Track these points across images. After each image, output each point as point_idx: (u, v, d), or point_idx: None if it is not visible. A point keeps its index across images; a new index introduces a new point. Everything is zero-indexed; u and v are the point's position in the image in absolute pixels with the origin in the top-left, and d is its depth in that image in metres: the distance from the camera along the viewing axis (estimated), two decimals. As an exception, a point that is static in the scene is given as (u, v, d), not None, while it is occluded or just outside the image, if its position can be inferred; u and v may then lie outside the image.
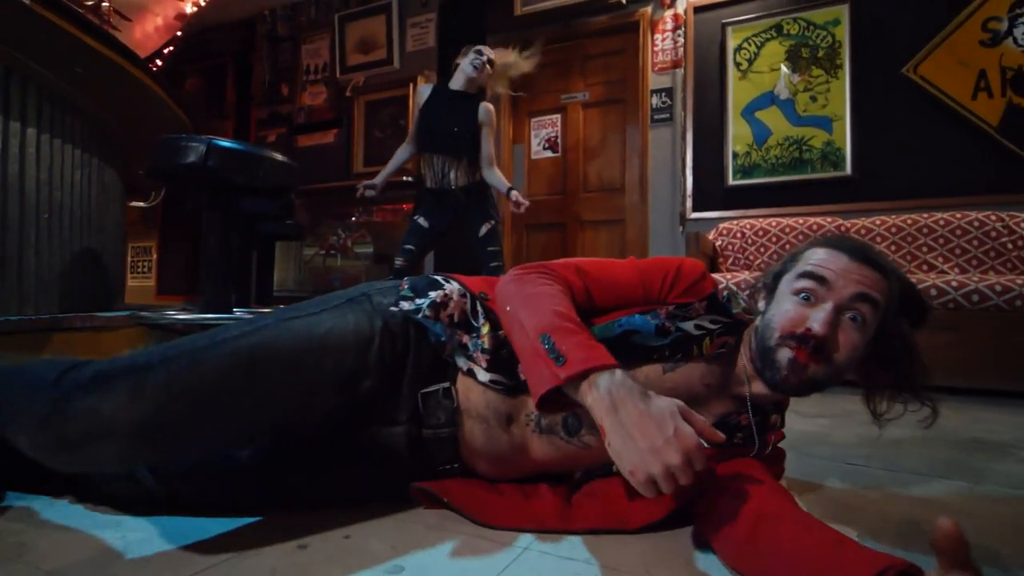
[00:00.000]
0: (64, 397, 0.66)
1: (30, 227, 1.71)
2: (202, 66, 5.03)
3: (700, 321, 0.83)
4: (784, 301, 0.79)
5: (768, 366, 0.78)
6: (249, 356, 0.71)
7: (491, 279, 0.91)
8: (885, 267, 0.78)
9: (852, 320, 0.75)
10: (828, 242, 0.81)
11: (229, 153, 1.52)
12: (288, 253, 4.58)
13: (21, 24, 1.52)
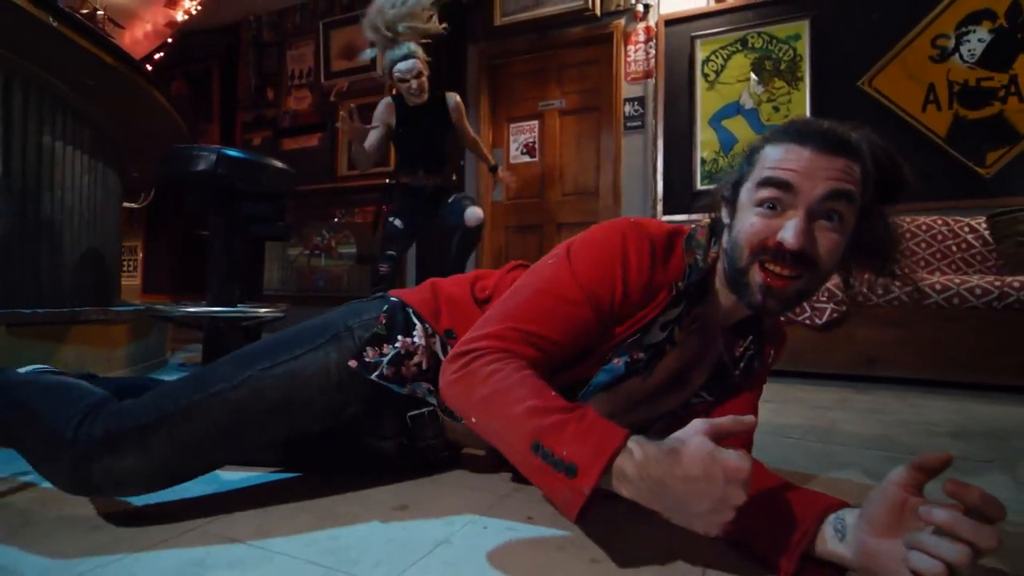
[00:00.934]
0: (84, 457, 0.72)
1: (44, 228, 1.80)
2: (188, 69, 5.09)
3: (665, 318, 0.75)
4: (748, 214, 0.69)
5: (741, 290, 0.71)
6: (239, 408, 0.77)
7: (461, 284, 0.90)
8: (857, 147, 0.68)
9: (828, 221, 0.66)
10: (787, 134, 0.69)
11: (236, 162, 1.64)
12: (273, 253, 4.65)
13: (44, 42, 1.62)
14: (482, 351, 0.68)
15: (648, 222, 0.77)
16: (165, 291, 5.18)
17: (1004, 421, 1.56)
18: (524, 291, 0.75)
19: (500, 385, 0.64)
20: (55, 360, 1.64)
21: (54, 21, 1.52)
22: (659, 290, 0.74)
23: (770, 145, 0.70)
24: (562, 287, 0.72)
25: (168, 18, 3.63)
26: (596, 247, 0.74)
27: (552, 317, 0.71)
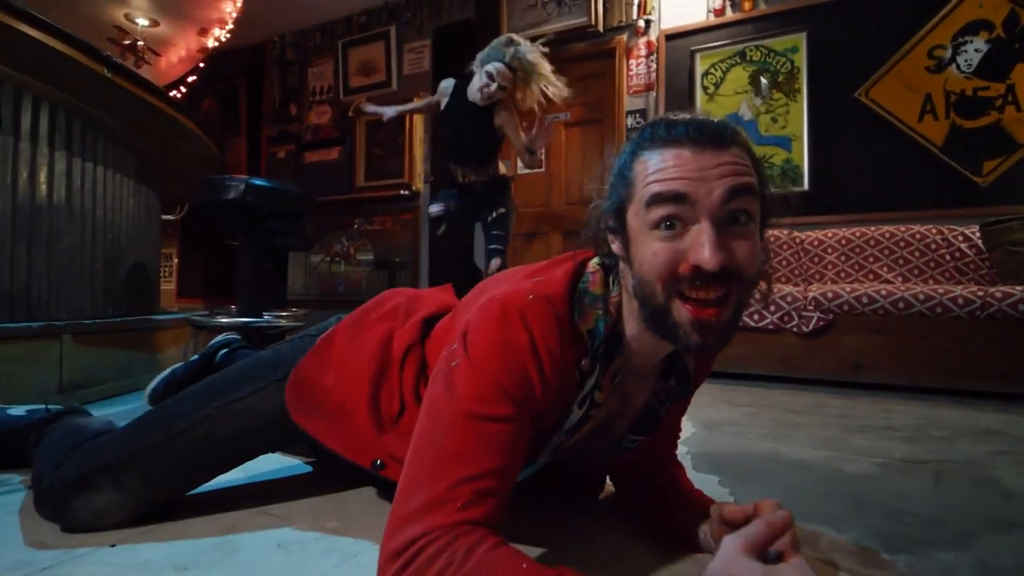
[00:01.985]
0: (62, 499, 0.80)
1: (99, 247, 2.05)
2: (217, 87, 5.38)
3: (580, 395, 0.70)
4: (646, 241, 0.60)
5: (670, 334, 0.61)
6: (200, 443, 0.83)
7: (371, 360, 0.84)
8: (735, 133, 0.61)
9: (736, 224, 0.58)
10: (658, 138, 0.61)
11: (261, 190, 1.87)
12: (297, 261, 4.91)
13: (100, 88, 1.86)
14: (414, 544, 0.53)
15: (550, 289, 0.66)
16: (198, 295, 5.49)
17: (964, 426, 1.66)
18: (443, 424, 0.60)
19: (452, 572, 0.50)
20: (109, 364, 1.87)
21: (108, 72, 1.74)
22: (572, 370, 0.66)
23: (643, 155, 0.61)
24: (483, 402, 0.60)
25: (200, 44, 3.90)
26: (499, 344, 0.62)
27: (487, 443, 0.59)
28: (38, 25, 1.58)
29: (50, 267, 1.84)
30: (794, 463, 1.24)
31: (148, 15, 3.70)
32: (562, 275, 0.68)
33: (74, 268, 1.95)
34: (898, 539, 0.84)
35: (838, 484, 1.10)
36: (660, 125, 0.62)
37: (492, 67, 2.40)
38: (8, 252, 1.70)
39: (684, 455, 1.30)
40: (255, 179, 1.86)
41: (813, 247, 3.00)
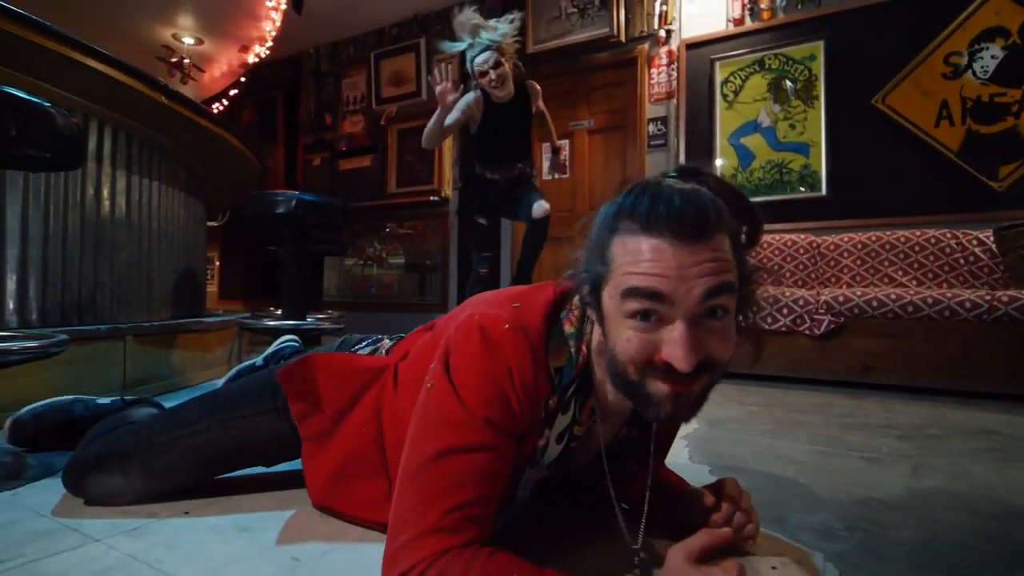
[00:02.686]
0: (79, 473, 0.93)
1: (154, 255, 2.27)
2: (256, 99, 5.65)
3: (558, 429, 0.72)
4: (619, 327, 0.61)
5: (645, 406, 0.63)
6: (199, 450, 0.93)
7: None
8: (719, 217, 0.59)
9: (713, 318, 0.58)
10: (637, 222, 0.59)
11: (308, 204, 2.07)
12: (331, 264, 5.14)
13: (157, 113, 2.07)
14: (427, 561, 0.57)
15: (528, 319, 0.68)
16: (238, 296, 5.78)
17: (961, 425, 1.73)
18: (428, 455, 0.63)
19: None
20: (166, 363, 2.08)
21: (166, 100, 1.94)
22: (540, 402, 0.68)
23: (623, 239, 0.60)
24: (465, 431, 0.63)
25: (241, 60, 4.14)
26: (479, 372, 0.65)
27: (471, 472, 0.62)
28: (105, 60, 1.78)
29: (112, 275, 2.06)
30: (784, 457, 1.35)
31: (194, 34, 3.97)
32: (541, 306, 0.69)
33: (133, 276, 2.16)
34: (860, 520, 0.95)
35: (820, 475, 1.21)
36: (642, 202, 0.59)
37: (477, 65, 2.47)
38: (77, 263, 1.92)
39: (682, 447, 1.42)
40: (304, 194, 2.05)
41: (830, 251, 3.05)
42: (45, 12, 1.62)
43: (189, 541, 0.82)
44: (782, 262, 3.12)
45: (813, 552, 0.82)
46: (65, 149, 1.13)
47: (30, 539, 0.82)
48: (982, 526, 0.94)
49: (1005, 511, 1.01)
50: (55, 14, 3.43)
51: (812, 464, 1.29)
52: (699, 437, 1.54)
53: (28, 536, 0.83)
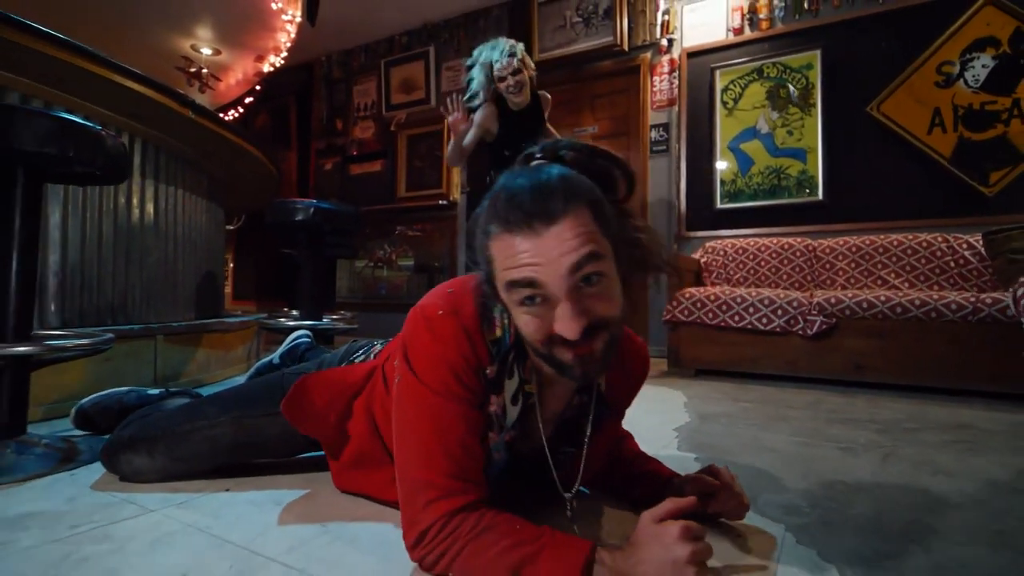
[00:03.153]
0: (113, 454, 1.07)
1: (179, 259, 2.41)
2: (270, 105, 5.81)
3: (509, 392, 0.79)
4: (516, 313, 0.69)
5: (559, 369, 0.70)
6: (215, 441, 1.05)
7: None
8: (571, 198, 0.65)
9: (589, 285, 0.66)
10: (500, 222, 0.67)
11: (325, 211, 2.21)
12: (343, 265, 5.29)
13: (183, 126, 2.21)
14: (437, 524, 0.69)
15: (460, 302, 0.75)
16: (251, 297, 5.95)
17: (939, 420, 1.83)
18: (411, 435, 0.74)
19: (461, 542, 0.67)
20: (192, 360, 2.22)
21: (193, 114, 2.08)
22: (482, 372, 0.76)
23: (492, 241, 0.68)
24: (435, 409, 0.73)
25: (256, 69, 4.30)
26: (430, 355, 0.74)
27: (448, 441, 0.72)
28: (141, 80, 1.92)
29: (142, 278, 2.20)
30: (766, 447, 1.46)
31: (211, 45, 4.12)
32: (473, 288, 0.76)
33: (160, 279, 2.31)
34: (824, 499, 1.06)
35: (795, 463, 1.32)
36: (499, 201, 0.67)
37: (497, 71, 2.50)
38: (111, 267, 2.06)
39: (672, 438, 1.53)
40: (321, 202, 2.20)
41: (825, 254, 3.15)
42: (76, 24, 1.77)
43: (232, 512, 0.95)
44: (779, 265, 3.22)
45: (776, 524, 0.94)
46: (113, 166, 1.27)
47: (96, 510, 0.95)
48: (932, 504, 1.05)
49: (958, 493, 1.11)
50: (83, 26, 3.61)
51: (790, 453, 1.40)
52: (689, 429, 1.65)
53: (94, 507, 0.96)
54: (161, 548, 0.81)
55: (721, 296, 2.83)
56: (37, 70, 1.69)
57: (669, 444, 1.47)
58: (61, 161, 1.17)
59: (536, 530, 0.67)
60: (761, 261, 3.27)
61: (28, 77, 1.70)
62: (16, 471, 1.10)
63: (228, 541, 0.83)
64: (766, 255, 3.27)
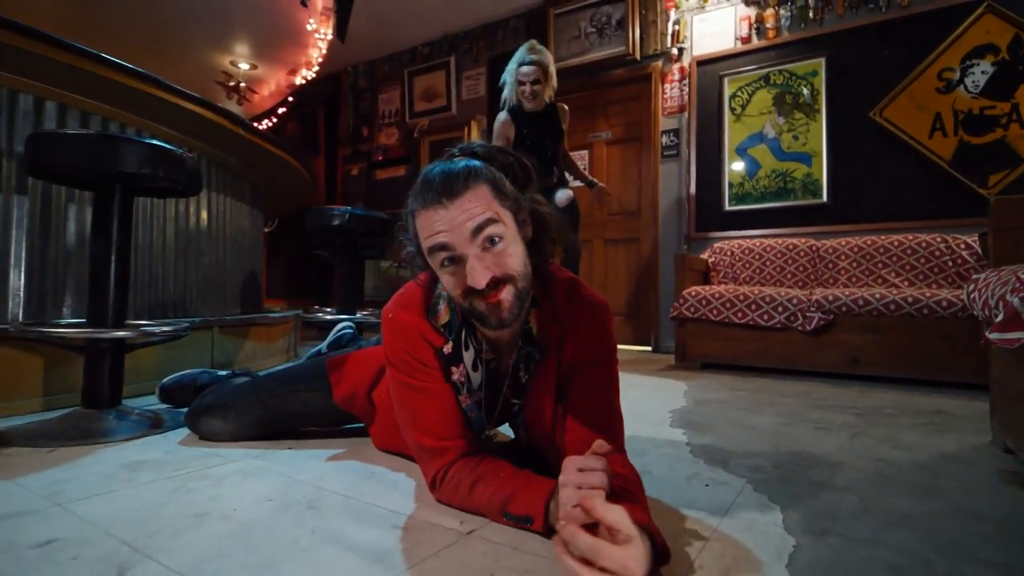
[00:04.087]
0: (195, 418, 1.32)
1: (227, 259, 2.68)
2: (300, 113, 6.11)
3: (468, 361, 0.95)
4: (442, 274, 0.84)
5: (480, 320, 0.86)
6: (273, 410, 1.28)
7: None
8: (469, 177, 0.80)
9: (492, 245, 0.80)
10: (417, 201, 0.82)
11: (358, 218, 2.46)
12: (369, 266, 5.55)
13: (233, 141, 2.48)
14: (442, 471, 0.92)
15: (405, 302, 0.96)
16: (282, 296, 6.25)
17: (919, 408, 1.99)
18: (402, 409, 0.97)
19: (465, 488, 0.87)
20: (242, 350, 2.48)
21: (243, 131, 2.34)
22: (438, 352, 0.93)
23: (415, 216, 0.84)
24: (413, 390, 0.94)
25: (289, 82, 4.59)
26: (392, 348, 0.95)
27: (431, 408, 0.93)
28: (200, 103, 2.18)
29: (197, 277, 2.47)
30: (748, 425, 1.64)
31: (249, 61, 4.42)
32: (417, 285, 0.97)
33: (212, 277, 2.57)
34: (787, 464, 1.25)
35: (772, 437, 1.50)
36: (417, 186, 0.84)
37: (519, 74, 2.63)
38: (172, 267, 2.33)
39: (665, 415, 1.73)
40: (355, 209, 2.44)
41: (828, 255, 3.30)
42: (126, 43, 2.03)
43: (298, 462, 1.18)
44: (783, 264, 3.37)
45: (740, 478, 1.13)
46: (191, 182, 1.51)
47: (190, 459, 1.19)
48: (882, 468, 1.23)
49: (908, 461, 1.29)
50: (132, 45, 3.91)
51: (770, 430, 1.59)
52: (683, 411, 1.85)
53: (188, 458, 1.20)
54: (249, 483, 1.04)
55: (725, 294, 3.00)
56: (117, 96, 1.96)
57: (662, 422, 1.67)
58: (151, 179, 1.41)
59: (515, 473, 0.85)
60: (767, 261, 3.42)
61: (108, 103, 1.97)
62: (118, 432, 1.35)
63: (299, 480, 1.06)
64: (771, 255, 3.42)
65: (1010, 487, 1.11)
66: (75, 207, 1.91)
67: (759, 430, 1.58)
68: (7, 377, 1.58)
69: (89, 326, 1.44)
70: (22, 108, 1.78)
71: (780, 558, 0.78)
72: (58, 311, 1.85)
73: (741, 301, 2.94)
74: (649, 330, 4.05)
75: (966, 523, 0.92)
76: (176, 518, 0.88)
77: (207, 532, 0.83)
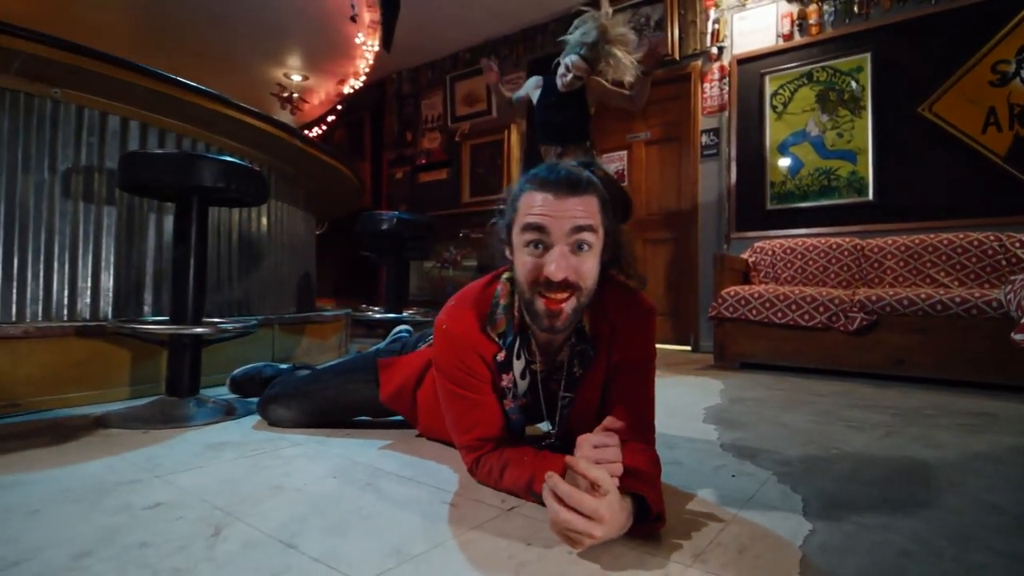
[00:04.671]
0: (264, 406, 1.48)
1: (284, 262, 2.88)
2: (347, 119, 6.36)
3: (518, 370, 1.01)
4: (520, 254, 0.89)
5: (532, 317, 0.92)
6: (330, 400, 1.42)
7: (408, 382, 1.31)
8: (589, 186, 0.88)
9: (579, 249, 0.86)
10: (535, 183, 0.89)
11: (406, 222, 2.62)
12: (413, 267, 5.75)
13: (291, 152, 2.67)
14: (477, 460, 1.01)
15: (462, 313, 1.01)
16: (331, 295, 6.52)
17: (962, 410, 1.97)
18: (447, 410, 1.06)
19: (496, 473, 0.97)
20: (299, 346, 2.66)
21: (300, 143, 2.51)
22: (491, 361, 1.00)
23: (525, 193, 0.90)
24: (456, 397, 1.02)
25: (337, 91, 4.81)
26: (445, 357, 1.02)
27: (473, 413, 1.01)
28: (263, 119, 2.36)
29: (258, 279, 2.66)
30: (780, 423, 1.69)
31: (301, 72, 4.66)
32: (476, 294, 1.03)
33: (271, 279, 2.77)
34: (814, 459, 1.30)
35: (802, 434, 1.54)
36: (542, 171, 0.91)
37: (568, 60, 2.61)
38: (236, 270, 2.52)
39: (699, 413, 1.79)
40: (402, 214, 2.60)
41: (873, 253, 3.25)
42: (189, 57, 2.22)
43: (355, 446, 1.31)
44: (827, 264, 3.34)
45: (765, 471, 1.19)
46: (258, 193, 1.67)
47: (263, 442, 1.34)
48: (909, 465, 1.27)
49: (937, 459, 1.32)
50: (196, 59, 4.18)
51: (802, 428, 1.63)
52: (718, 408, 1.90)
53: (261, 440, 1.35)
54: (314, 463, 1.17)
55: (765, 294, 3.01)
56: (192, 115, 2.15)
57: (695, 417, 1.73)
58: (225, 191, 1.58)
59: (536, 456, 0.95)
60: (809, 260, 3.40)
61: (184, 121, 2.17)
62: (198, 418, 1.52)
63: (358, 462, 1.19)
64: (814, 254, 3.40)
65: (1038, 485, 1.14)
66: (154, 216, 2.11)
67: (791, 427, 1.63)
68: (102, 368, 1.78)
69: (172, 323, 1.62)
70: (110, 129, 2.00)
71: (795, 539, 0.85)
72: (140, 309, 2.06)
73: (781, 301, 2.94)
74: (688, 330, 4.06)
75: (982, 516, 0.96)
76: (256, 489, 1.02)
77: (283, 501, 0.96)
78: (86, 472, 1.11)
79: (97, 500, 0.96)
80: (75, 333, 1.75)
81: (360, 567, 0.73)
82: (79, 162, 1.92)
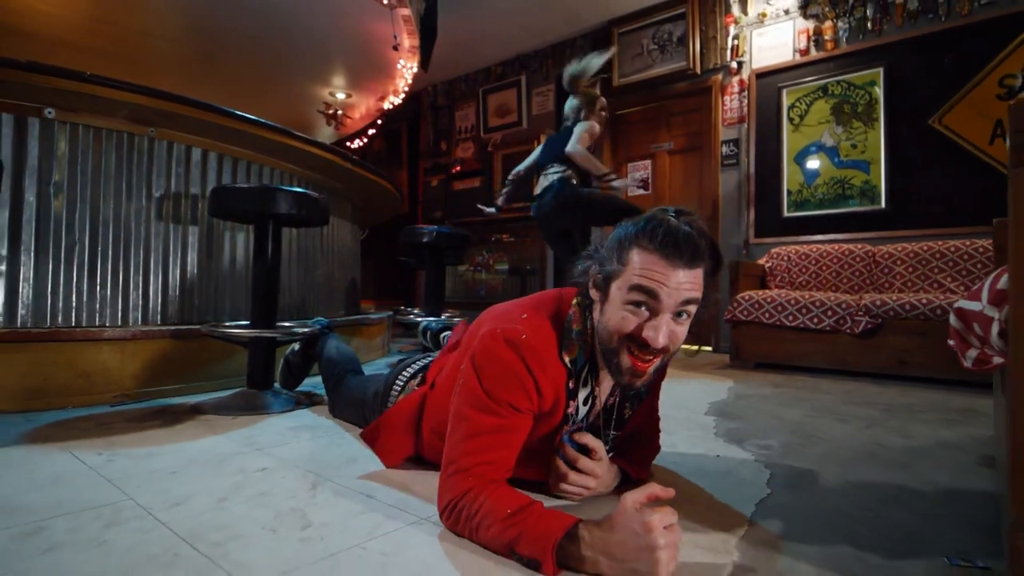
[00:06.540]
0: (332, 407, 1.74)
1: (335, 269, 3.21)
2: (385, 130, 6.72)
3: (582, 397, 0.99)
4: (617, 308, 0.87)
5: (612, 369, 0.91)
6: (355, 407, 1.57)
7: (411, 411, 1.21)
8: (703, 254, 0.85)
9: (680, 317, 0.86)
10: (653, 241, 0.84)
11: (444, 234, 2.93)
12: (448, 270, 6.07)
13: (342, 172, 3.00)
14: (458, 500, 0.85)
15: (540, 328, 0.93)
16: (371, 297, 6.90)
17: (953, 407, 2.14)
18: (465, 420, 0.90)
19: (475, 523, 0.82)
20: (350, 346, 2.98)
21: (349, 164, 2.83)
22: (562, 387, 0.94)
23: (639, 251, 0.85)
24: (486, 414, 0.89)
25: (378, 107, 5.15)
26: (504, 371, 0.89)
27: (494, 439, 0.89)
28: (318, 146, 2.69)
29: (314, 285, 2.99)
30: (775, 416, 1.91)
31: (345, 91, 5.01)
32: (548, 314, 0.97)
33: (325, 285, 3.10)
34: (795, 444, 1.53)
35: (793, 425, 1.76)
36: (660, 230, 0.84)
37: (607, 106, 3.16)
38: (295, 278, 2.85)
39: (703, 407, 2.02)
40: (441, 228, 2.90)
41: (884, 260, 3.40)
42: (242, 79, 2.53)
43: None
44: (839, 269, 3.50)
45: (748, 453, 1.43)
46: (321, 216, 1.98)
47: (331, 427, 1.64)
48: (875, 449, 1.48)
49: (903, 446, 1.53)
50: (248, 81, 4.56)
51: (793, 420, 1.85)
52: (722, 403, 2.13)
53: (330, 426, 1.66)
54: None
55: (777, 298, 3.20)
56: (260, 145, 2.49)
57: (699, 410, 1.97)
58: (296, 216, 1.89)
59: (522, 511, 0.79)
60: (823, 266, 3.56)
61: (253, 150, 2.51)
62: (276, 407, 1.84)
63: (411, 441, 1.48)
64: (827, 260, 3.56)
65: (980, 467, 1.35)
66: (229, 234, 2.45)
67: (784, 420, 1.85)
68: (196, 364, 2.12)
69: (252, 327, 1.94)
70: (194, 160, 2.34)
71: (753, 502, 1.10)
72: (221, 315, 2.40)
73: (792, 305, 3.13)
74: (710, 331, 4.26)
75: (919, 489, 1.19)
76: (337, 459, 1.32)
77: (359, 469, 1.26)
78: (202, 447, 1.42)
79: (218, 465, 1.27)
80: (170, 336, 2.09)
81: (423, 510, 1.01)
82: (169, 189, 2.27)
